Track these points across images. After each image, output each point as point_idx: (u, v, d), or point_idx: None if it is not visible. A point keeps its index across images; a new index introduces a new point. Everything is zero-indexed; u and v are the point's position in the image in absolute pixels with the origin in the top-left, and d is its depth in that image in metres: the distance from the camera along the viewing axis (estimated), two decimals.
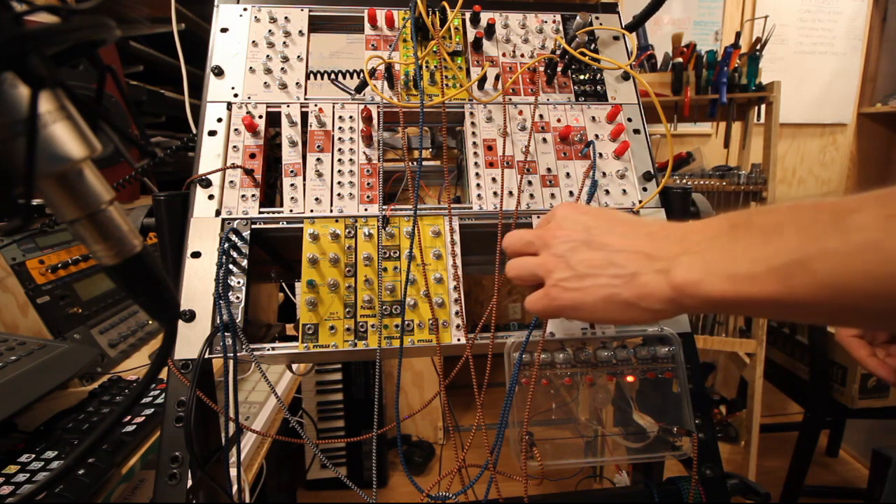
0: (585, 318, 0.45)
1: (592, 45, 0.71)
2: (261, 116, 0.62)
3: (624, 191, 0.63)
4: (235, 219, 0.57)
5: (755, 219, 0.32)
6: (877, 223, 0.26)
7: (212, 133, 0.61)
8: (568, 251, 0.40)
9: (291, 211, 0.58)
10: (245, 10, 0.67)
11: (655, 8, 0.68)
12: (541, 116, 0.66)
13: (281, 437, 0.56)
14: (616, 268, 0.37)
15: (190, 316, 0.52)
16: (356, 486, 0.53)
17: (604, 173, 0.64)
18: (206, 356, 0.51)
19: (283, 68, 0.65)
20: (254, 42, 0.65)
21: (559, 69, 0.69)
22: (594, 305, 0.38)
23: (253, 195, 0.58)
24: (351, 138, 0.63)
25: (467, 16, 0.70)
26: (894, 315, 0.27)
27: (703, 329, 1.78)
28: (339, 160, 0.61)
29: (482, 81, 0.67)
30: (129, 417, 0.72)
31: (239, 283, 0.54)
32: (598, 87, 0.69)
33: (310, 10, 0.68)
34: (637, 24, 0.72)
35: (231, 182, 0.59)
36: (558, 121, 0.67)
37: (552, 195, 0.62)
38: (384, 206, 0.59)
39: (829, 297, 0.28)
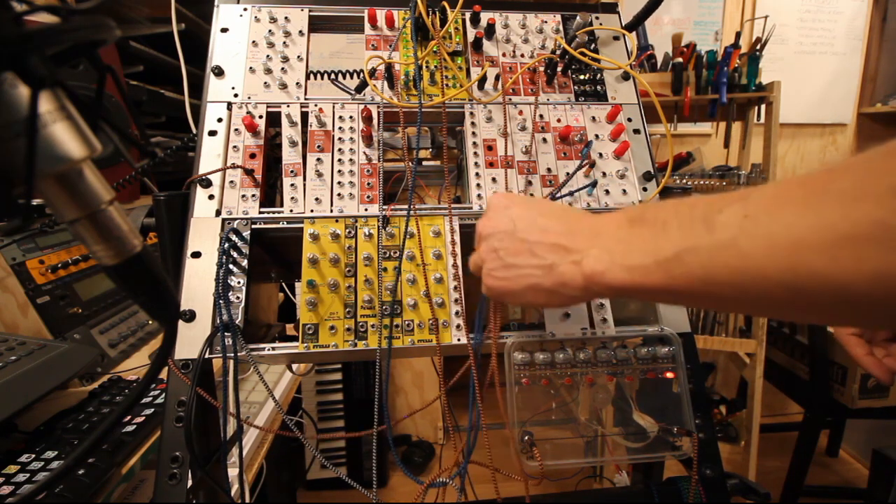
0: (517, 303, 0.54)
1: (592, 45, 0.71)
2: (261, 116, 0.62)
3: (624, 191, 0.63)
4: (235, 219, 0.57)
5: (648, 214, 0.35)
6: (735, 222, 0.29)
7: (212, 133, 0.61)
8: (497, 242, 0.44)
9: (291, 211, 0.58)
10: (245, 10, 0.67)
11: (654, 7, 0.68)
12: (541, 116, 0.66)
13: (281, 432, 0.56)
14: (537, 258, 0.40)
15: (190, 316, 0.52)
16: (355, 484, 0.53)
17: (604, 173, 0.64)
18: (207, 356, 0.51)
19: (283, 68, 0.65)
20: (254, 42, 0.65)
21: (559, 69, 0.69)
22: (522, 292, 0.42)
23: (253, 195, 0.58)
24: (351, 138, 0.63)
25: (467, 16, 0.70)
26: (764, 304, 0.30)
27: (703, 329, 1.78)
28: (340, 160, 0.61)
29: (482, 81, 0.67)
30: (129, 417, 0.72)
31: (239, 283, 0.54)
32: (598, 87, 0.69)
33: (310, 10, 0.68)
34: (636, 24, 0.72)
35: (231, 182, 0.59)
36: (558, 121, 0.67)
37: (552, 195, 0.62)
38: (384, 206, 0.59)
39: (702, 288, 0.31)
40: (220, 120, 0.61)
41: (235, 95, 0.63)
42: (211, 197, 0.58)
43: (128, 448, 0.67)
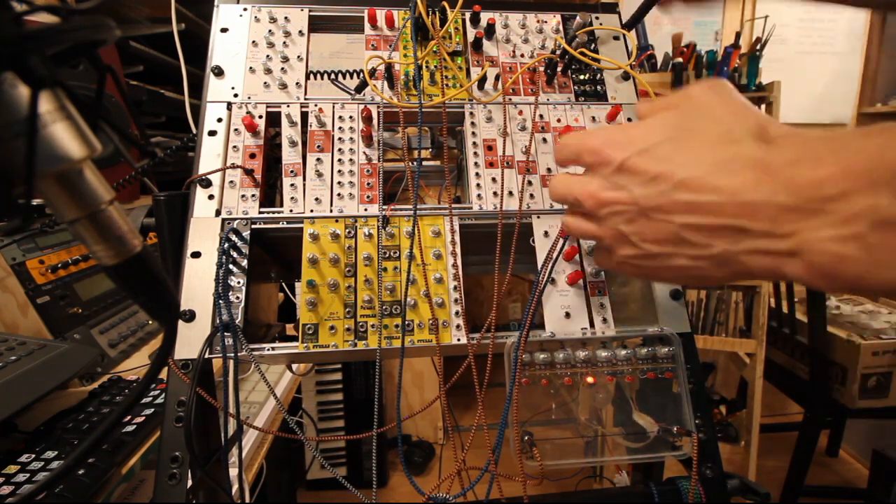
0: (667, 282, 0.45)
1: (592, 45, 0.71)
2: (261, 116, 0.62)
3: None
4: (235, 219, 0.57)
5: None
6: None
7: (212, 133, 0.61)
8: (623, 224, 0.31)
9: (291, 211, 0.58)
10: (245, 10, 0.67)
11: (650, 5, 0.68)
12: (541, 116, 0.66)
13: (281, 434, 0.56)
14: (693, 248, 0.28)
15: (190, 316, 0.52)
16: (353, 487, 0.53)
17: None
18: (206, 356, 0.51)
19: (283, 68, 0.65)
20: (254, 42, 0.65)
21: (559, 69, 0.69)
22: (676, 279, 0.34)
23: (253, 195, 0.58)
24: (351, 138, 0.63)
25: (467, 16, 0.70)
26: None
27: (703, 329, 1.78)
28: (339, 160, 0.61)
29: (482, 81, 0.67)
30: (129, 417, 0.72)
31: (239, 283, 0.54)
32: (598, 87, 0.69)
33: (310, 10, 0.68)
34: (634, 22, 0.72)
35: (231, 182, 0.59)
36: (558, 121, 0.67)
37: None
38: (384, 206, 0.59)
39: None
40: (219, 120, 0.61)
41: (235, 95, 0.63)
42: (211, 197, 0.58)
43: (128, 448, 0.67)
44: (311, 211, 0.58)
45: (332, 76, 0.68)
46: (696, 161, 0.27)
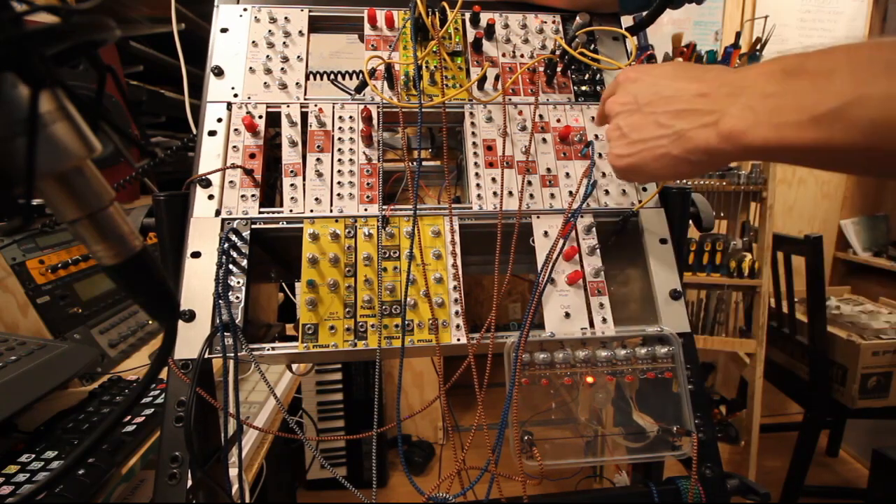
0: (646, 180, 0.54)
1: (592, 46, 0.71)
2: (261, 116, 0.62)
3: (623, 191, 0.63)
4: (235, 219, 0.57)
5: (809, 63, 0.31)
6: None
7: (212, 133, 0.61)
8: (620, 120, 0.44)
9: (291, 211, 0.58)
10: (245, 10, 0.67)
11: (658, 13, 0.68)
12: (540, 116, 0.66)
13: (280, 434, 0.56)
14: (662, 128, 0.40)
15: (190, 316, 0.52)
16: (353, 487, 0.53)
17: (603, 173, 0.64)
18: (206, 356, 0.51)
19: (283, 68, 0.65)
20: (254, 42, 0.65)
21: (559, 69, 0.69)
22: (647, 165, 0.42)
23: (253, 195, 0.58)
24: (351, 138, 0.63)
25: (467, 16, 0.70)
26: None
27: (703, 329, 1.78)
28: (339, 160, 0.61)
29: (482, 82, 0.67)
30: (129, 417, 0.72)
31: (239, 283, 0.54)
32: (598, 88, 0.69)
33: (310, 11, 0.68)
34: (638, 29, 0.72)
35: (231, 182, 0.59)
36: (558, 121, 0.67)
37: (552, 195, 0.62)
38: (384, 206, 0.59)
39: (864, 142, 0.28)
40: (219, 120, 0.61)
41: (235, 95, 0.63)
42: (211, 197, 0.58)
43: (128, 448, 0.67)
44: (311, 211, 0.58)
45: (332, 76, 0.68)
46: (670, 83, 0.42)
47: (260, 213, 0.58)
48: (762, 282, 1.66)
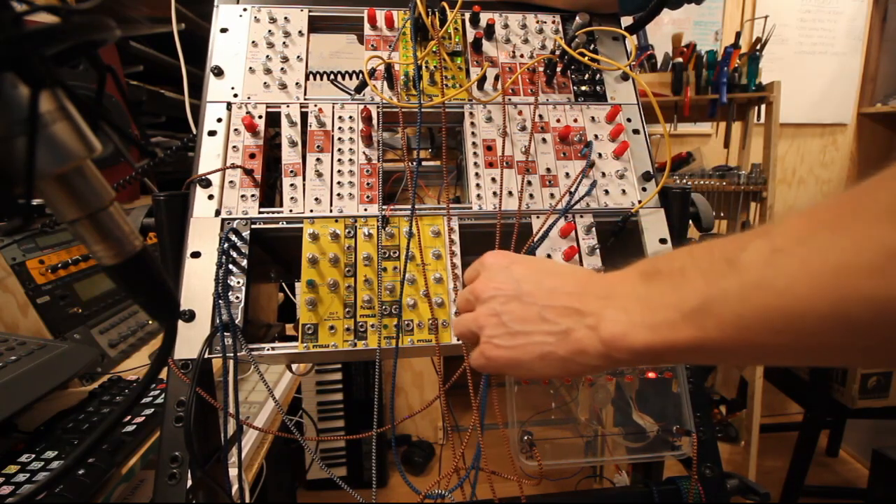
0: (524, 376, 0.46)
1: (592, 46, 0.71)
2: (260, 116, 0.62)
3: (623, 191, 0.63)
4: (235, 219, 0.57)
5: (660, 264, 0.32)
6: (763, 258, 0.26)
7: (212, 133, 0.61)
8: (499, 305, 0.39)
9: (291, 211, 0.58)
10: (245, 10, 0.67)
11: (655, 12, 0.68)
12: (540, 117, 0.66)
13: (280, 434, 0.56)
14: (549, 324, 0.36)
15: (190, 316, 0.52)
16: (351, 488, 0.53)
17: (603, 173, 0.64)
18: (206, 356, 0.51)
19: (282, 68, 0.65)
20: (253, 42, 0.65)
21: (559, 69, 0.69)
22: (531, 363, 0.37)
23: (253, 195, 0.58)
24: (351, 138, 0.63)
25: (467, 16, 0.70)
26: (812, 344, 0.25)
27: None
28: (339, 160, 0.61)
29: (482, 82, 0.67)
30: (129, 417, 0.72)
31: (239, 283, 0.54)
32: (598, 88, 0.69)
33: (309, 11, 0.68)
34: (637, 28, 0.72)
35: (231, 182, 0.59)
36: (558, 121, 0.67)
37: (552, 195, 0.62)
38: (384, 206, 0.59)
39: (738, 337, 0.27)
40: (219, 120, 0.61)
41: (235, 95, 0.63)
42: (210, 197, 0.58)
43: (128, 448, 0.67)
44: (311, 211, 0.58)
45: (332, 76, 0.68)
46: (545, 278, 0.39)
47: (260, 213, 0.58)
48: None
